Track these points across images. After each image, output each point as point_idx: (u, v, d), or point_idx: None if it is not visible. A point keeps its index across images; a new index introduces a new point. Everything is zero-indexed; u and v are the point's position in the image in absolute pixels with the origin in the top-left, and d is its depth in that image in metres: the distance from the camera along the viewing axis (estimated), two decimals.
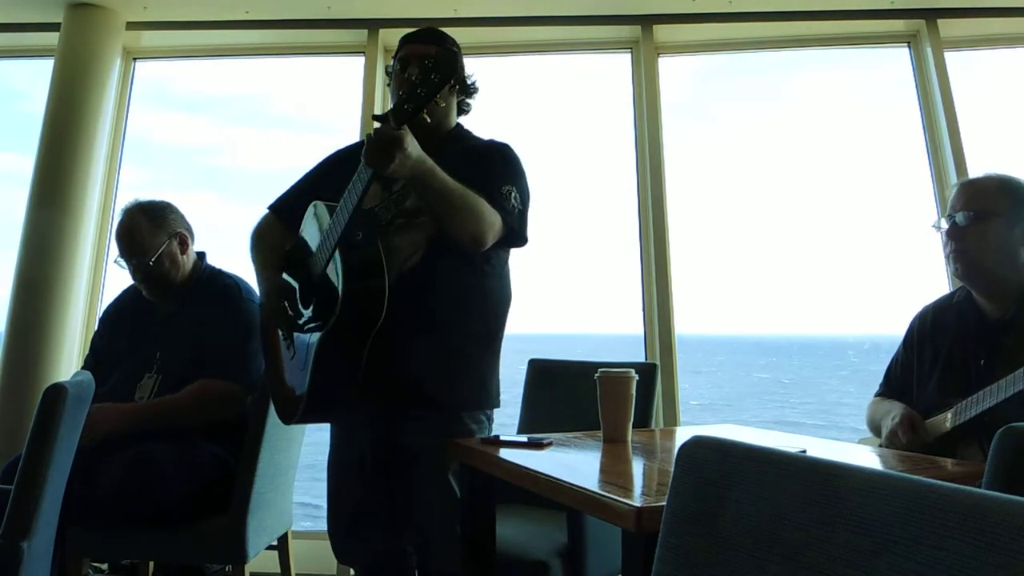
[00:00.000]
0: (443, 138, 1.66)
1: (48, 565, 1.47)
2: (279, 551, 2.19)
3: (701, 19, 3.12)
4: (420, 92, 1.31)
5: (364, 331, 1.44)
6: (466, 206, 1.46)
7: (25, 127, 3.46)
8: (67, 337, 2.86)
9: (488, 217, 1.48)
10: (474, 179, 1.51)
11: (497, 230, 1.51)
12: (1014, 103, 3.50)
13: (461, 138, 1.70)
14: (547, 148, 38.34)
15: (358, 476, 1.61)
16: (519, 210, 1.56)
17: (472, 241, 1.49)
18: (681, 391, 2.93)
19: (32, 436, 1.33)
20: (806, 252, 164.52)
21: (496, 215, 1.50)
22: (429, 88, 1.31)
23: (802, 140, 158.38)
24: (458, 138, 1.70)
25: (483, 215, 1.48)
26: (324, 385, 1.46)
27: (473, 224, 1.47)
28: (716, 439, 0.73)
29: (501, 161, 1.62)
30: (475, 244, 1.49)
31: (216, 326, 1.98)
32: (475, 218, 1.47)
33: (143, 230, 2.02)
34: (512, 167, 1.63)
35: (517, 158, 1.65)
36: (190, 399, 1.90)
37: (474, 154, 1.63)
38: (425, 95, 1.31)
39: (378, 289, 1.43)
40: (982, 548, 0.48)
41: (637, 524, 0.94)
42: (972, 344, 1.57)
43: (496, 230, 1.51)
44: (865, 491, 0.58)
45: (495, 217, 1.50)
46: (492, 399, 1.63)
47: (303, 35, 3.27)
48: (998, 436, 0.86)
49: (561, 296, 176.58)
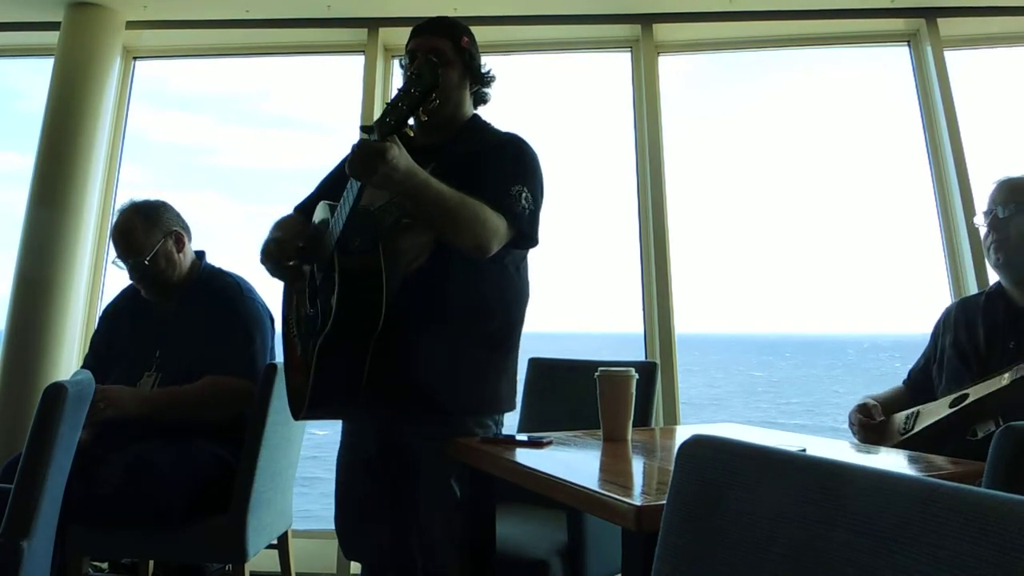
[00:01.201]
0: (458, 129, 1.63)
1: (48, 564, 1.47)
2: (279, 550, 2.19)
3: (701, 18, 3.12)
4: (401, 106, 1.28)
5: (364, 336, 1.43)
6: (465, 216, 1.41)
7: (23, 127, 3.47)
8: (67, 336, 2.86)
9: (491, 225, 1.43)
10: (484, 177, 1.48)
11: (503, 235, 1.46)
12: (1014, 103, 3.50)
13: (476, 130, 1.65)
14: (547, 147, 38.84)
15: (365, 474, 1.60)
16: (529, 211, 1.50)
17: (475, 249, 1.44)
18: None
19: (32, 435, 1.33)
20: (806, 252, 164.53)
21: (501, 220, 1.45)
22: (410, 102, 1.27)
23: (801, 140, 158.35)
24: (473, 130, 1.65)
25: (485, 223, 1.42)
26: (326, 386, 1.46)
27: (473, 234, 1.42)
28: (716, 438, 0.73)
29: (513, 159, 1.56)
30: (479, 252, 1.45)
31: (218, 325, 1.98)
32: (475, 227, 1.42)
33: (138, 229, 2.03)
34: (524, 164, 1.57)
35: (531, 153, 1.59)
36: (206, 391, 1.90)
37: (487, 149, 1.57)
38: (406, 109, 1.27)
39: (375, 297, 1.40)
40: (982, 547, 0.48)
41: (637, 523, 0.94)
42: (1002, 330, 1.63)
43: (502, 235, 1.46)
44: (865, 490, 0.58)
45: (499, 223, 1.44)
46: (503, 403, 1.59)
47: (303, 34, 3.27)
48: (998, 435, 0.86)
49: (561, 294, 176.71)
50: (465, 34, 1.64)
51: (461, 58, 1.61)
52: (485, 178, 1.48)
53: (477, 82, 1.67)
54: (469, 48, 1.63)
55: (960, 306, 1.76)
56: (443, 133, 1.61)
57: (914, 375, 1.82)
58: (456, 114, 1.63)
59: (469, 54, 1.63)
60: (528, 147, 1.60)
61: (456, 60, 1.61)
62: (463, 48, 1.61)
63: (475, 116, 1.68)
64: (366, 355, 1.45)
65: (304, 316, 1.56)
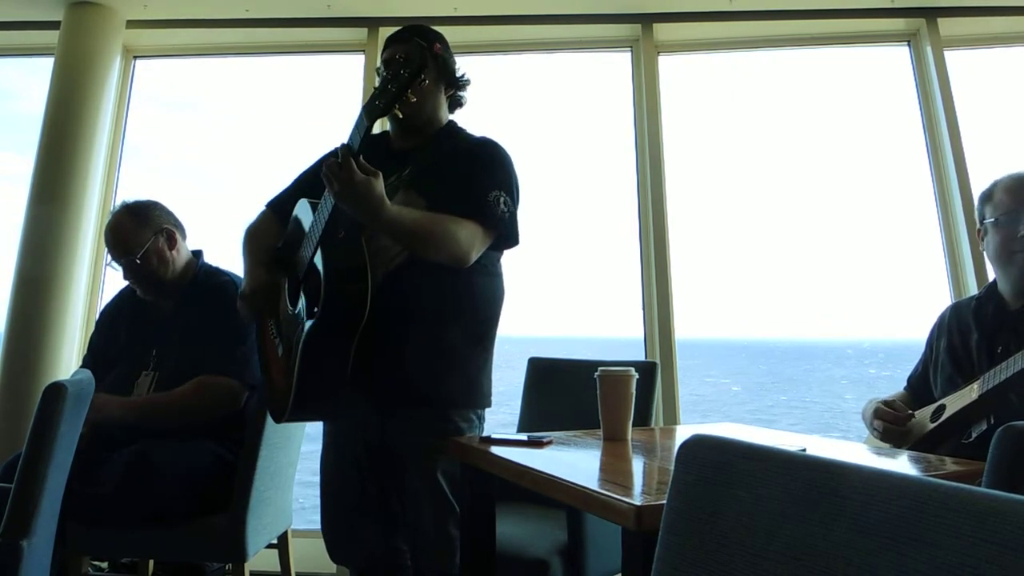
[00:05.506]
0: (435, 135, 1.66)
1: (48, 563, 1.47)
2: (279, 549, 2.19)
3: (701, 18, 3.12)
4: (391, 88, 1.31)
5: (348, 331, 1.44)
6: (432, 238, 1.45)
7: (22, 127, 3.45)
8: (67, 336, 2.86)
9: (464, 239, 1.47)
10: (461, 183, 1.52)
11: (480, 242, 1.50)
12: (1014, 103, 3.50)
13: (452, 136, 1.68)
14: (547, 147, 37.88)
15: (351, 475, 1.61)
16: (509, 214, 1.55)
17: (453, 261, 1.48)
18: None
19: (32, 435, 1.33)
20: (806, 252, 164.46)
21: (476, 228, 1.49)
22: (400, 84, 1.31)
23: (800, 139, 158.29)
24: (449, 136, 1.68)
25: (457, 240, 1.46)
26: (310, 384, 1.46)
27: (448, 252, 1.46)
28: (716, 438, 0.73)
29: (489, 164, 1.60)
30: (457, 263, 1.49)
31: (213, 324, 1.98)
32: (449, 246, 1.46)
33: (127, 229, 2.03)
34: (500, 168, 1.60)
35: (505, 156, 1.63)
36: (190, 394, 1.90)
37: (462, 153, 1.61)
38: (395, 91, 1.31)
39: (360, 289, 1.43)
40: (982, 547, 0.48)
41: (637, 522, 0.94)
42: (992, 333, 1.61)
43: (479, 244, 1.50)
44: (865, 490, 0.58)
45: (474, 234, 1.48)
46: (483, 398, 1.61)
47: (303, 33, 3.27)
48: (998, 435, 0.86)
49: (562, 298, 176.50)
50: (438, 40, 1.67)
51: (436, 64, 1.64)
52: (462, 184, 1.52)
53: (452, 86, 1.70)
54: (442, 54, 1.66)
55: (954, 310, 1.75)
56: (419, 138, 1.65)
57: (913, 382, 1.81)
58: (432, 119, 1.66)
59: (443, 60, 1.67)
60: (502, 150, 1.64)
61: (431, 66, 1.62)
62: (436, 54, 1.64)
63: (451, 122, 1.71)
64: (350, 349, 1.46)
65: (286, 317, 1.57)
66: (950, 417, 1.54)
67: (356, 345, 1.46)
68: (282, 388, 1.54)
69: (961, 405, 1.52)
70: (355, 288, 1.43)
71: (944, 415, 1.56)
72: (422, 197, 1.54)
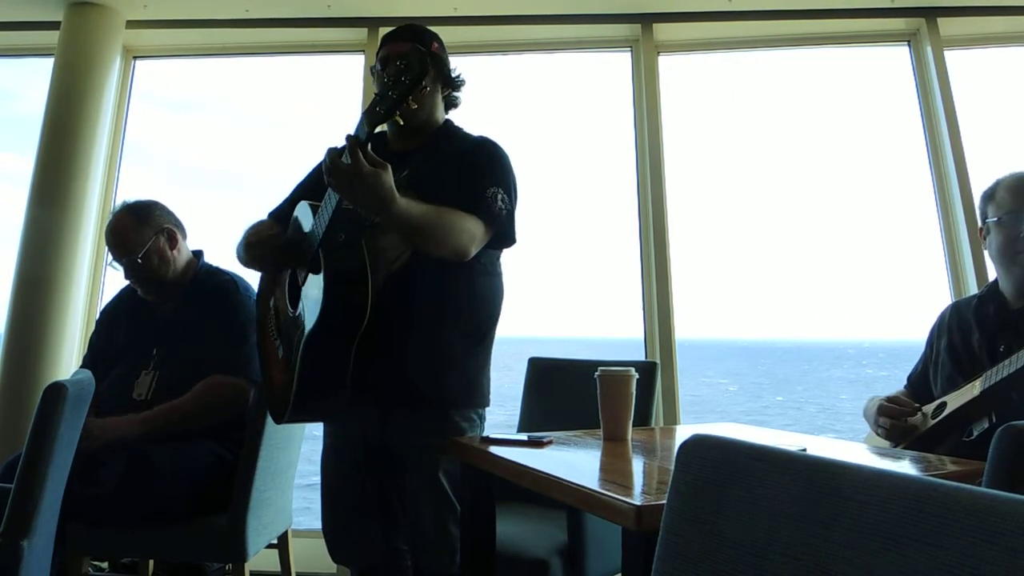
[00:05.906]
0: (432, 135, 1.66)
1: (48, 563, 1.47)
2: (279, 549, 2.19)
3: (701, 18, 3.12)
4: (392, 95, 1.30)
5: (349, 333, 1.44)
6: (439, 230, 1.44)
7: (22, 127, 3.46)
8: (67, 336, 2.86)
9: (467, 232, 1.46)
10: (460, 181, 1.51)
11: (480, 238, 1.50)
12: (1014, 103, 3.50)
13: (449, 135, 1.68)
14: (547, 147, 37.58)
15: (351, 475, 1.61)
16: (506, 211, 1.54)
17: (454, 256, 1.47)
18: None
19: (32, 435, 1.33)
20: (806, 252, 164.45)
21: (477, 223, 1.48)
22: (400, 91, 1.29)
23: (800, 139, 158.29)
24: (446, 135, 1.68)
25: (461, 232, 1.46)
26: (310, 386, 1.46)
27: (451, 245, 1.45)
28: (716, 437, 0.73)
29: (487, 162, 1.60)
30: (459, 257, 1.48)
31: (215, 323, 1.98)
32: (453, 238, 1.45)
33: (128, 229, 2.04)
34: (498, 166, 1.60)
35: (503, 155, 1.63)
36: (199, 401, 1.90)
37: (461, 154, 1.61)
38: (396, 97, 1.29)
39: (361, 292, 1.42)
40: (981, 547, 0.48)
41: (637, 522, 0.94)
42: (994, 332, 1.61)
43: (479, 239, 1.50)
44: (865, 490, 0.58)
45: (475, 227, 1.48)
46: (483, 398, 1.61)
47: (303, 33, 3.27)
48: (998, 435, 0.86)
49: (562, 299, 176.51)
50: (434, 40, 1.67)
51: (434, 66, 1.63)
52: (461, 182, 1.52)
53: (448, 86, 1.70)
54: (439, 53, 1.66)
55: (954, 309, 1.75)
56: (417, 138, 1.65)
57: (913, 380, 1.80)
58: (430, 119, 1.66)
59: (441, 60, 1.66)
60: (500, 149, 1.64)
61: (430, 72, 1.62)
62: (435, 55, 1.63)
63: (447, 121, 1.71)
64: (351, 351, 1.45)
65: (286, 319, 1.57)
66: (951, 413, 1.54)
67: (358, 346, 1.46)
68: (282, 389, 1.54)
69: (963, 401, 1.52)
70: (355, 290, 1.42)
71: (945, 411, 1.56)
72: (421, 198, 1.53)
